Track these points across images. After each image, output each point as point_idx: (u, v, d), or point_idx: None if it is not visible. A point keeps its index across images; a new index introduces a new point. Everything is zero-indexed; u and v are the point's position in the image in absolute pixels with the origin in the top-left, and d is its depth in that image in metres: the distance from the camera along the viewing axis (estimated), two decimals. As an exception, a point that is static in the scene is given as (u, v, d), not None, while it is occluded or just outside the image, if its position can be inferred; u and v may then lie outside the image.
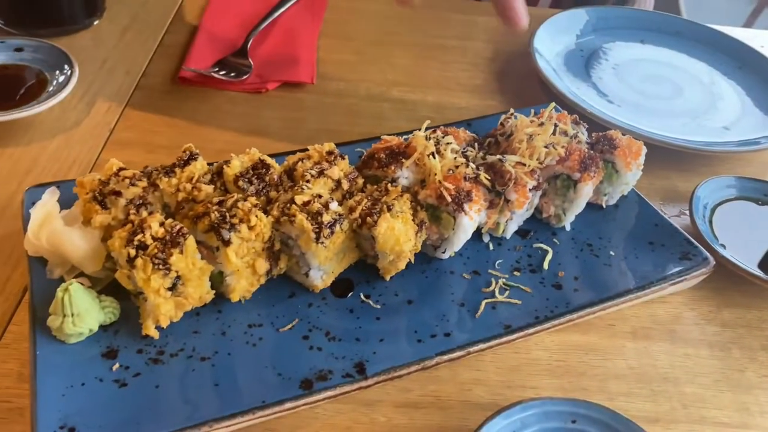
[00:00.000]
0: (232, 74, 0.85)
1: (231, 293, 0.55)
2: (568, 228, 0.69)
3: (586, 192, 0.65)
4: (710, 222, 0.71)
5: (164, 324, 0.53)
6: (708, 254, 0.65)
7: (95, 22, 0.93)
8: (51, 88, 0.77)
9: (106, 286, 0.55)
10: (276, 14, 0.97)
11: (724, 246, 0.67)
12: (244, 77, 0.85)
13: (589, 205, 0.69)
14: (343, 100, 0.86)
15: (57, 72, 0.79)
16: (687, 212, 0.71)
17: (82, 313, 0.51)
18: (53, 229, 0.53)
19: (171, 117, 0.79)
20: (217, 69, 0.85)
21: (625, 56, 0.98)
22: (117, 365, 0.51)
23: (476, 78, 0.93)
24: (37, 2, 0.88)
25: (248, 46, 0.90)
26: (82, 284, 0.52)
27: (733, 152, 0.80)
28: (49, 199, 0.56)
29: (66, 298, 0.50)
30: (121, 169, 0.57)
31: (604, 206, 0.71)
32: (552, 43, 0.95)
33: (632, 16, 1.03)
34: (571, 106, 0.80)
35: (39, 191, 0.61)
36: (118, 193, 0.55)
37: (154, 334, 0.53)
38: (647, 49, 1.00)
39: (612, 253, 0.66)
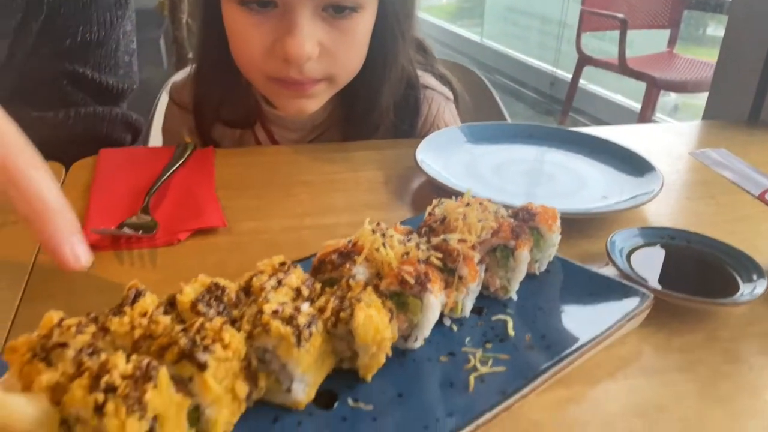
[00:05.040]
0: (140, 232, 0.81)
1: (213, 428, 0.49)
2: (515, 298, 0.71)
3: (524, 257, 0.69)
4: (630, 266, 0.77)
5: (145, 479, 0.45)
6: (645, 290, 0.70)
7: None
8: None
9: (60, 460, 0.47)
10: (167, 175, 0.97)
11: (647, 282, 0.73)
12: (153, 233, 0.82)
13: (525, 276, 0.72)
14: (259, 236, 0.85)
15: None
16: (604, 265, 0.77)
17: (45, 488, 0.42)
18: (-9, 400, 0.45)
19: (82, 283, 0.73)
20: (123, 229, 0.81)
21: (499, 159, 1.09)
22: None
23: (380, 197, 0.97)
24: None
25: (148, 205, 0.88)
26: (37, 455, 0.43)
27: (621, 210, 0.90)
28: (-20, 368, 0.48)
29: (23, 474, 0.41)
30: (62, 319, 0.51)
31: (537, 273, 0.75)
32: (434, 157, 1.04)
33: (496, 128, 1.17)
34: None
35: (-49, 377, 0.52)
36: (63, 345, 0.49)
37: (135, 495, 0.45)
38: (513, 149, 1.12)
39: (563, 309, 0.69)
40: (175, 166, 1.00)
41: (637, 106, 4.62)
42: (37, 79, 1.22)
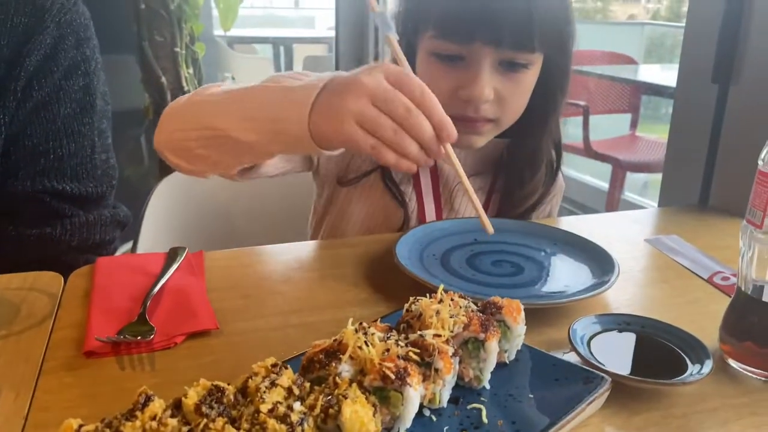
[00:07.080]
0: (138, 338, 0.88)
1: None
2: (487, 387, 0.78)
3: (493, 348, 0.76)
4: (590, 352, 0.84)
5: None
6: (602, 374, 0.77)
7: (-24, 325, 0.92)
8: (-52, 392, 0.74)
9: None
10: (162, 281, 1.04)
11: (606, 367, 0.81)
12: (151, 337, 0.88)
13: (496, 365, 0.80)
14: (249, 335, 0.92)
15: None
16: (568, 352, 0.85)
17: None
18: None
19: (87, 389, 0.79)
20: (123, 336, 0.87)
21: (470, 251, 1.18)
22: None
23: (360, 293, 1.05)
24: None
25: (146, 312, 0.94)
26: None
27: (580, 299, 0.99)
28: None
29: None
30: (81, 425, 0.57)
31: (507, 362, 0.82)
32: (410, 252, 1.12)
33: (466, 223, 1.27)
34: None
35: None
36: (82, 450, 0.54)
37: None
38: (483, 244, 1.22)
39: (531, 396, 0.76)
40: (169, 272, 1.07)
41: (606, 185, 4.82)
42: (20, 199, 1.26)
